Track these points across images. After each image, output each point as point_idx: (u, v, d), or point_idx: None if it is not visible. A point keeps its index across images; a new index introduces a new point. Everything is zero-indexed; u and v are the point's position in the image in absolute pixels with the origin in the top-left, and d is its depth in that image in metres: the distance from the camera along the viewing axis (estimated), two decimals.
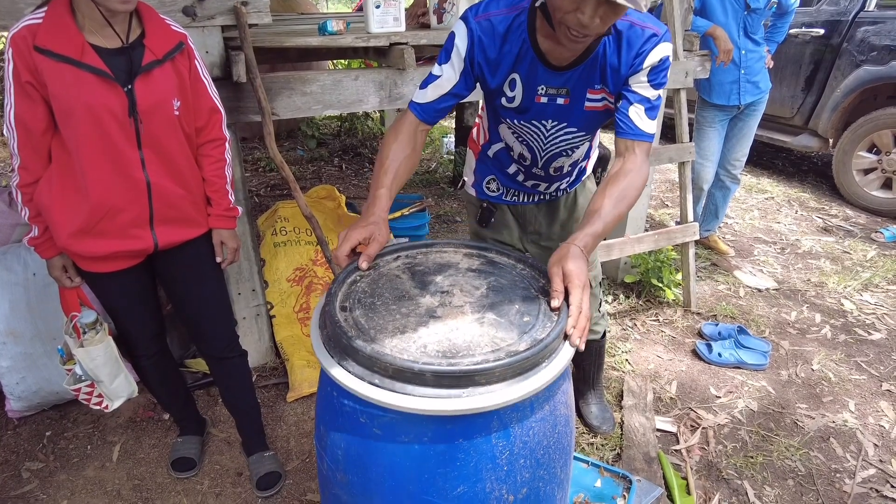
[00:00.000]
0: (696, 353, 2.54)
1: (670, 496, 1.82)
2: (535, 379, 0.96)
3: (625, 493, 1.78)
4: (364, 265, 1.21)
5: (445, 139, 5.32)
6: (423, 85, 1.35)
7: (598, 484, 1.82)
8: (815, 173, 5.22)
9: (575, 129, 1.41)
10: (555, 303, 1.09)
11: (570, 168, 1.57)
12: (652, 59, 1.23)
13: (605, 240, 2.93)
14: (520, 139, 1.49)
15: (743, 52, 3.04)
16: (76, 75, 1.30)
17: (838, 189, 4.53)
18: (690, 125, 3.46)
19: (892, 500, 1.84)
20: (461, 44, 1.29)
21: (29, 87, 1.31)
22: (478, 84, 1.38)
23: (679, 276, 2.93)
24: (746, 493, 1.87)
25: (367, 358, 0.97)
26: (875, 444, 2.06)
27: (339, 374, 0.99)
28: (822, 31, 4.43)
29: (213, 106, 1.57)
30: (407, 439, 0.97)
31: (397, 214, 2.75)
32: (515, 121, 1.42)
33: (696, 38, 2.79)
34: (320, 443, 1.13)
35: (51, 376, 2.00)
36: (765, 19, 3.05)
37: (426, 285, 1.20)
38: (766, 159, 5.63)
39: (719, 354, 2.48)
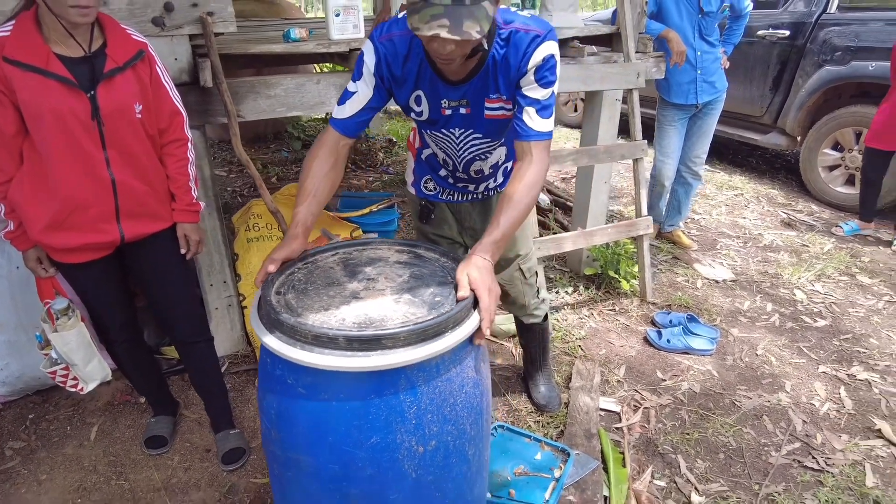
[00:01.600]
0: (647, 340, 2.69)
1: (606, 469, 1.96)
2: (436, 344, 1.11)
3: (562, 465, 1.92)
4: (271, 268, 1.28)
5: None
6: (341, 101, 1.44)
7: (539, 457, 1.96)
8: (786, 171, 5.37)
9: (481, 136, 1.52)
10: (461, 293, 1.19)
11: (491, 170, 1.68)
12: (536, 58, 1.32)
13: (556, 233, 3.07)
14: (437, 146, 1.63)
15: (698, 53, 3.19)
16: (42, 83, 1.44)
17: (806, 186, 4.68)
18: (650, 125, 3.60)
19: (811, 469, 1.98)
20: (369, 61, 1.39)
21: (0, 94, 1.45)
22: (391, 97, 1.48)
23: (637, 268, 3.07)
24: (679, 466, 2.01)
25: (291, 328, 1.12)
26: (804, 421, 2.20)
27: (269, 340, 1.13)
28: (787, 33, 4.58)
29: (174, 109, 1.71)
30: (326, 396, 1.12)
31: (366, 211, 2.90)
32: (428, 130, 1.56)
33: (649, 40, 2.93)
34: (260, 406, 1.27)
35: (34, 363, 2.13)
36: (718, 22, 3.20)
37: (356, 275, 1.35)
38: (740, 157, 5.78)
39: (668, 340, 2.62)
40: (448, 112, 1.46)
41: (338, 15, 2.25)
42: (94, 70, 1.50)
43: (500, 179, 1.77)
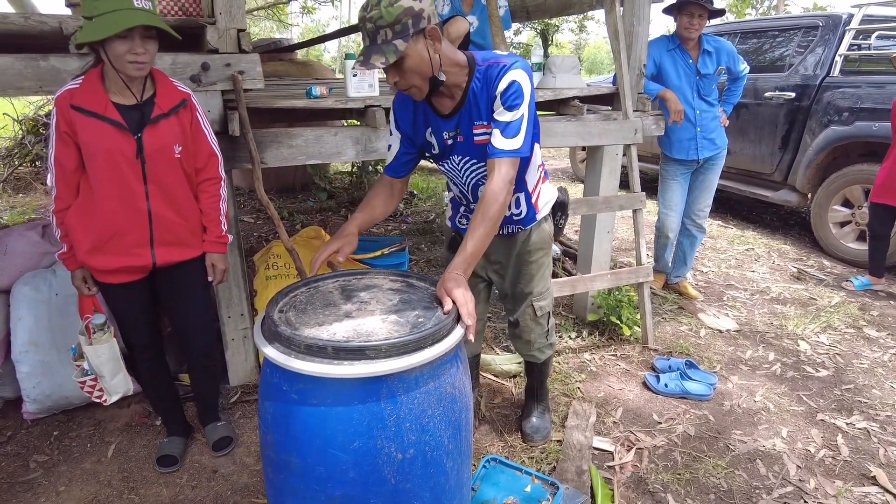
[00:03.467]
0: (645, 385, 2.74)
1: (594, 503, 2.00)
2: (414, 357, 1.24)
3: (550, 497, 1.98)
4: (339, 258, 1.63)
5: (445, 193, 5.70)
6: (388, 150, 1.82)
7: (528, 489, 2.02)
8: (800, 227, 5.42)
9: (476, 161, 1.71)
10: (446, 307, 1.38)
11: None
12: (502, 85, 1.54)
13: (557, 277, 3.17)
14: (449, 178, 1.85)
15: (698, 112, 3.37)
16: (100, 126, 1.70)
17: (818, 242, 4.72)
18: (654, 180, 3.74)
19: None
20: (391, 118, 1.76)
21: (65, 136, 1.71)
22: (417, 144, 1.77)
23: (639, 316, 3.15)
24: None
25: (287, 339, 1.27)
26: (798, 466, 2.22)
27: (268, 350, 1.28)
28: (793, 95, 4.75)
29: (211, 151, 1.94)
30: (315, 402, 1.25)
31: (377, 253, 3.08)
32: (440, 163, 1.79)
33: (647, 100, 3.13)
34: (259, 413, 1.41)
35: (63, 382, 2.31)
36: (716, 83, 3.39)
37: (351, 298, 1.51)
38: (754, 214, 5.85)
39: (665, 385, 2.67)
40: (450, 142, 1.71)
41: (355, 75, 2.50)
42: (144, 115, 1.76)
43: (513, 209, 1.89)
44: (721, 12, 3.29)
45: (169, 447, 2.19)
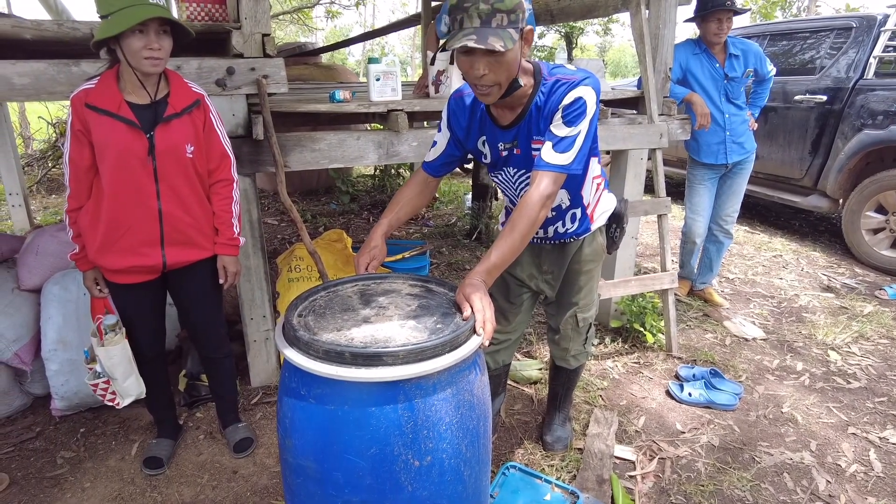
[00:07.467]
0: (669, 393, 2.69)
1: None
2: (431, 363, 1.23)
3: None
4: (361, 270, 1.66)
5: (466, 196, 5.70)
6: (431, 147, 1.79)
7: (548, 497, 2.00)
8: (830, 234, 5.28)
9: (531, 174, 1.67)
10: (465, 313, 1.37)
11: (554, 213, 1.81)
12: (567, 100, 1.49)
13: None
14: (500, 189, 1.84)
15: (726, 115, 3.30)
16: (112, 124, 1.73)
17: (850, 248, 4.59)
18: (680, 184, 3.68)
19: None
20: (445, 115, 1.72)
21: (80, 134, 1.74)
22: (465, 148, 1.75)
23: (663, 323, 3.10)
24: None
25: (306, 343, 1.27)
26: (828, 481, 2.15)
27: (288, 352, 1.29)
28: (824, 98, 4.63)
29: (223, 152, 1.96)
30: (333, 406, 1.25)
31: (398, 257, 3.08)
32: (492, 173, 1.78)
33: (672, 103, 3.08)
34: (278, 416, 1.41)
35: None
36: (744, 86, 3.32)
37: (369, 303, 1.50)
38: (782, 220, 5.72)
39: (689, 394, 2.62)
40: (505, 153, 1.68)
41: (378, 80, 2.51)
42: (156, 114, 1.78)
43: (569, 225, 1.86)
44: (746, 10, 3.21)
45: (157, 449, 2.19)
